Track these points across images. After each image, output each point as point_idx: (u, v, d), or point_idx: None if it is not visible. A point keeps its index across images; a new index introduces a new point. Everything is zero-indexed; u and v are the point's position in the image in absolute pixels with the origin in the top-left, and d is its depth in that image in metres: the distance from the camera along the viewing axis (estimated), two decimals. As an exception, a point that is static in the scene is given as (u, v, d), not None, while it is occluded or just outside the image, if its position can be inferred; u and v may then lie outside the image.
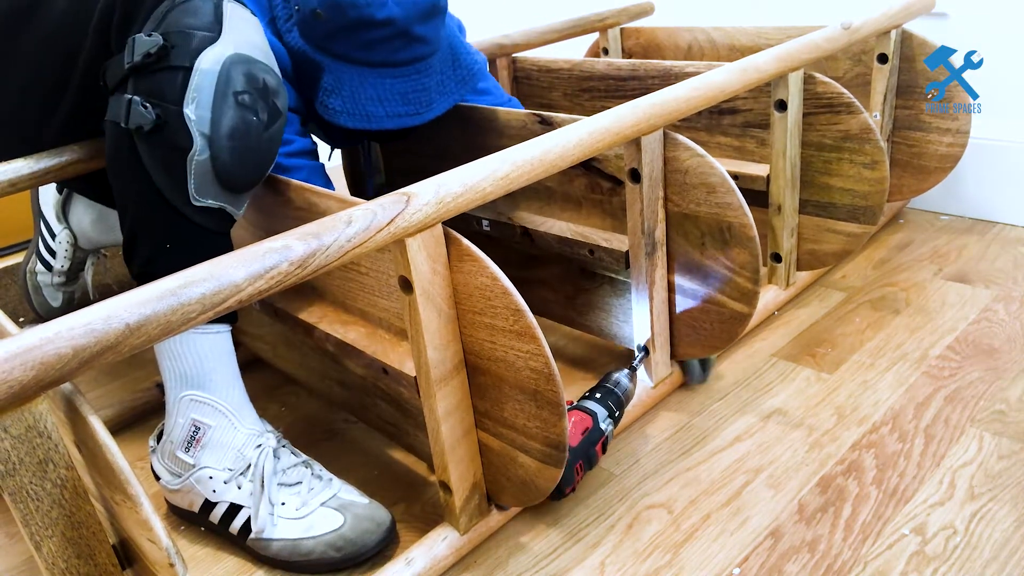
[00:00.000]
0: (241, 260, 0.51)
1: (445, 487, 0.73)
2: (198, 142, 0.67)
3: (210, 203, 0.71)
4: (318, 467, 0.79)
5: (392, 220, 0.58)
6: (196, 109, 0.67)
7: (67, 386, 0.52)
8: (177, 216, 0.70)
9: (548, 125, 0.92)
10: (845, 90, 0.97)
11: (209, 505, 0.77)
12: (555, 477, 0.67)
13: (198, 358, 0.75)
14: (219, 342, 0.76)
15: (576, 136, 0.71)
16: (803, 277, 1.15)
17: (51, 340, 0.44)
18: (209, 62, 0.67)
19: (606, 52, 1.55)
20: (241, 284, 0.51)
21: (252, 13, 0.74)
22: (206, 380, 0.75)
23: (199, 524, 0.81)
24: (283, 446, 0.79)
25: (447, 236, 0.64)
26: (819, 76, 0.98)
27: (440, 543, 0.73)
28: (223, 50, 0.68)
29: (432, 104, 0.94)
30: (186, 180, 0.69)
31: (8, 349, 0.43)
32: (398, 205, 0.59)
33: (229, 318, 0.76)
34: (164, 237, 0.72)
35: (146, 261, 0.73)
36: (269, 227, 0.87)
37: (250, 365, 1.10)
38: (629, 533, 0.76)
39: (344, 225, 0.56)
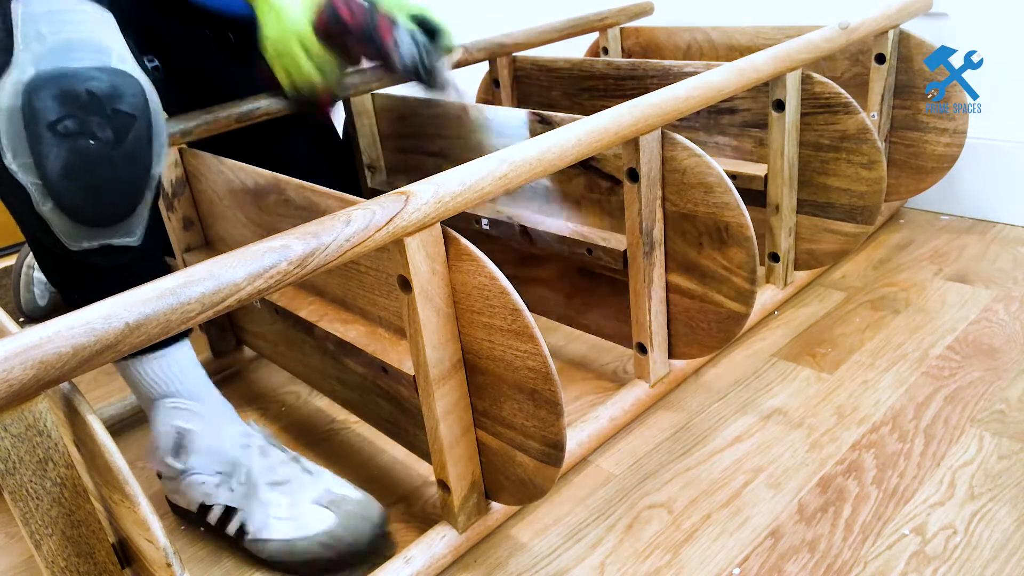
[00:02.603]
0: (240, 259, 0.51)
1: (443, 486, 0.73)
2: (35, 193, 0.56)
3: (87, 246, 0.60)
4: (305, 461, 0.79)
5: (391, 219, 0.59)
6: (14, 158, 0.55)
7: (66, 385, 0.52)
8: (65, 262, 0.63)
9: (547, 124, 0.92)
10: (843, 90, 0.97)
11: (205, 508, 0.77)
12: (554, 476, 0.67)
13: (166, 378, 0.74)
14: (180, 357, 0.74)
15: (574, 136, 0.71)
16: (801, 277, 1.15)
17: (51, 339, 0.44)
18: (6, 98, 0.54)
19: (606, 52, 1.55)
20: (240, 283, 0.51)
21: None
22: (179, 391, 0.75)
23: (199, 524, 0.81)
24: (270, 444, 0.78)
25: (446, 235, 0.64)
26: (817, 76, 0.98)
27: (439, 541, 0.74)
28: (19, 76, 0.55)
29: None
30: (51, 230, 0.58)
31: (8, 348, 0.43)
32: (397, 204, 0.59)
33: (182, 334, 0.73)
34: (64, 284, 0.66)
35: (69, 302, 0.67)
36: (269, 226, 0.88)
37: (249, 365, 1.11)
38: (629, 533, 0.76)
39: (343, 224, 0.56)
